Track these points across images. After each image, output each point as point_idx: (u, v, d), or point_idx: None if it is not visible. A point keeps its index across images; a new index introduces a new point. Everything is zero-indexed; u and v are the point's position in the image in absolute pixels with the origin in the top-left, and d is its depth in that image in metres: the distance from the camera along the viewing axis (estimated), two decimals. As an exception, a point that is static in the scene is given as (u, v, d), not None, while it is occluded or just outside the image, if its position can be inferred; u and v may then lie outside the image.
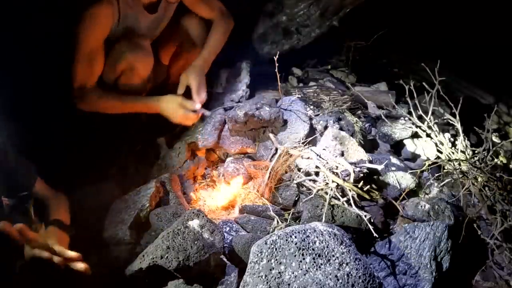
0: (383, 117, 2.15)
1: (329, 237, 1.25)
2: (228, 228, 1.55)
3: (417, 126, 2.12)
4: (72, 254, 1.01)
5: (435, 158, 1.93)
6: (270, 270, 1.17)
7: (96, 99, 1.80)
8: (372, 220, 1.49)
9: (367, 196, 1.62)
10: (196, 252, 1.31)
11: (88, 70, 1.74)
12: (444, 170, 1.88)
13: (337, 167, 1.66)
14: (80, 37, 1.68)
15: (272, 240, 1.22)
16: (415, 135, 2.19)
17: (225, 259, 1.41)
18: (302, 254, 1.20)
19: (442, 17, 2.88)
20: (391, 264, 1.42)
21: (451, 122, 2.01)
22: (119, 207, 1.60)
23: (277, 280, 1.16)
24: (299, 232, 1.24)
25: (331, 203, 1.53)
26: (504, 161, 2.04)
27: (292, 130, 1.98)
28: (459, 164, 1.82)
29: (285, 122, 2.01)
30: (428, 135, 2.10)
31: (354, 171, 1.62)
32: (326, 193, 1.56)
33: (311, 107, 2.25)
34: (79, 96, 1.76)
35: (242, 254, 1.37)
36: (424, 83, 1.99)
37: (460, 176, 1.80)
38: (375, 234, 1.39)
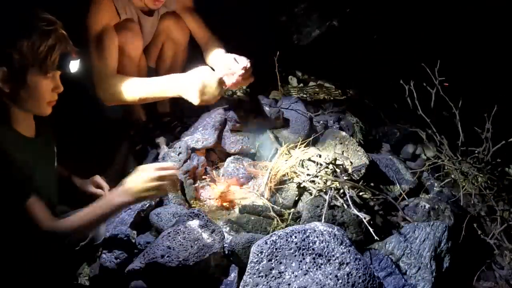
0: (383, 117, 2.16)
1: (329, 237, 1.25)
2: (228, 228, 1.55)
3: (417, 126, 2.12)
4: None
5: (435, 158, 1.93)
6: (270, 270, 1.17)
7: (120, 87, 1.75)
8: (372, 221, 1.49)
9: (367, 195, 1.62)
10: (196, 252, 1.31)
11: (102, 56, 1.75)
12: (444, 170, 1.88)
13: (336, 165, 1.66)
14: (89, 22, 1.75)
15: (272, 240, 1.22)
16: (415, 135, 2.19)
17: (225, 259, 1.41)
18: (302, 254, 1.20)
19: (442, 17, 2.88)
20: (391, 264, 1.42)
21: (451, 122, 2.01)
22: (119, 207, 1.60)
23: (277, 280, 1.16)
24: (299, 232, 1.24)
25: (331, 204, 1.53)
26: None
27: (292, 130, 1.98)
28: (459, 164, 1.82)
29: (285, 122, 2.01)
30: (428, 135, 2.10)
31: (351, 163, 1.62)
32: (326, 193, 1.56)
33: (311, 107, 2.25)
34: (103, 87, 1.75)
35: (242, 254, 1.37)
36: (424, 83, 2.00)
37: (460, 176, 1.80)
38: (375, 236, 1.39)
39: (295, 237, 1.23)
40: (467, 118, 1.94)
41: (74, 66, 1.38)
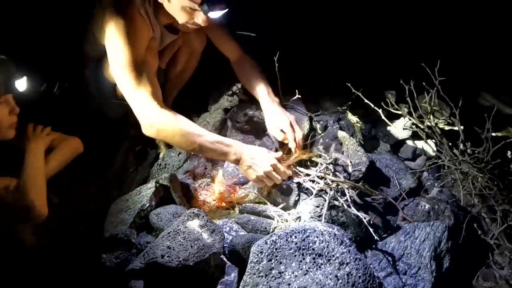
0: (383, 117, 2.15)
1: (329, 237, 1.25)
2: (228, 228, 1.55)
3: (417, 126, 2.12)
4: None
5: (435, 158, 1.93)
6: (270, 270, 1.17)
7: (172, 121, 1.47)
8: (371, 221, 1.50)
9: (369, 192, 1.62)
10: (196, 252, 1.31)
11: (144, 83, 1.49)
12: (444, 170, 1.88)
13: (336, 165, 1.67)
14: (126, 49, 1.48)
15: (272, 240, 1.22)
16: (415, 135, 2.19)
17: (225, 259, 1.41)
18: (302, 254, 1.20)
19: (443, 17, 2.87)
20: (391, 264, 1.42)
21: (451, 122, 2.01)
22: (119, 207, 1.60)
23: (277, 280, 1.16)
24: (299, 232, 1.24)
25: (331, 204, 1.53)
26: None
27: (292, 130, 1.98)
28: (459, 164, 1.82)
29: (285, 122, 2.01)
30: (428, 135, 2.10)
31: (351, 163, 1.65)
32: (326, 193, 1.56)
33: (311, 107, 2.25)
34: (152, 115, 1.47)
35: (242, 254, 1.37)
36: (424, 83, 1.99)
37: (460, 176, 1.79)
38: (375, 236, 1.39)
39: (295, 237, 1.23)
40: (467, 118, 1.94)
41: (21, 85, 1.36)
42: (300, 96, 2.11)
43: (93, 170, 1.85)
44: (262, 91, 1.85)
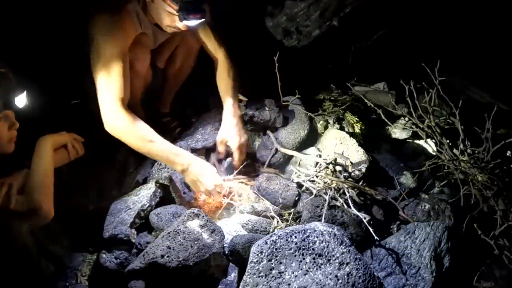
0: (383, 117, 2.16)
1: (329, 237, 1.25)
2: (228, 228, 1.55)
3: (417, 126, 2.12)
4: None
5: (435, 158, 1.93)
6: (270, 270, 1.17)
7: (128, 124, 1.52)
8: (371, 221, 1.50)
9: (369, 191, 1.62)
10: (196, 252, 1.31)
11: (113, 82, 1.53)
12: (444, 170, 1.88)
13: (336, 165, 1.67)
14: (105, 41, 1.54)
15: (272, 240, 1.22)
16: (415, 135, 2.19)
17: (225, 259, 1.41)
18: (302, 254, 1.20)
19: (443, 17, 2.87)
20: (391, 264, 1.42)
21: (451, 122, 2.01)
22: (119, 207, 1.60)
23: (277, 280, 1.16)
24: (299, 232, 1.24)
25: (331, 204, 1.53)
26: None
27: (292, 130, 1.98)
28: (459, 164, 1.82)
29: (285, 122, 2.01)
30: (428, 135, 2.10)
31: (351, 163, 1.66)
32: (326, 193, 1.56)
33: (311, 107, 2.25)
34: (108, 117, 1.52)
35: (242, 254, 1.37)
36: (424, 83, 2.00)
37: (460, 176, 1.79)
38: (375, 236, 1.39)
39: (295, 237, 1.23)
40: (467, 118, 1.94)
41: (21, 101, 1.32)
42: (300, 96, 2.12)
43: (93, 170, 1.85)
44: (228, 101, 1.87)
